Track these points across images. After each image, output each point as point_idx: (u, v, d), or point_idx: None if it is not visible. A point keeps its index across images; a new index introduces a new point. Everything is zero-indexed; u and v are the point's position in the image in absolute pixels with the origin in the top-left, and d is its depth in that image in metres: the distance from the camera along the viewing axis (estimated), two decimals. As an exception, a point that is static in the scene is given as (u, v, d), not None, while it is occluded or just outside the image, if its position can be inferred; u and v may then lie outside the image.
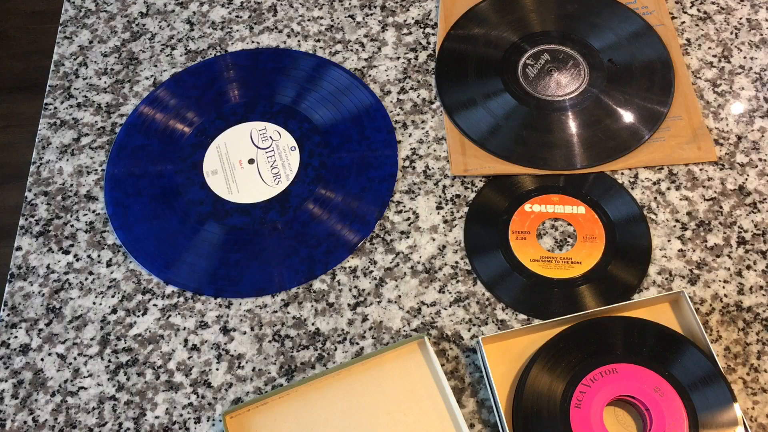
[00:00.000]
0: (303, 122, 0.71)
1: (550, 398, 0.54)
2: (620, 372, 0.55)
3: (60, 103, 0.74)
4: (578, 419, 0.53)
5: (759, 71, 0.71)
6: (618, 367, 0.55)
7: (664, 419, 0.53)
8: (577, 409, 0.54)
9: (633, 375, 0.55)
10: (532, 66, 0.72)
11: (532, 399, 0.55)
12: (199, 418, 0.58)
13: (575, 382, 0.55)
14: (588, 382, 0.54)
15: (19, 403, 0.60)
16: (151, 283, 0.64)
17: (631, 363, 0.55)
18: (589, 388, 0.54)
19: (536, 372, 0.56)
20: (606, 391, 0.54)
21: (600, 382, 0.54)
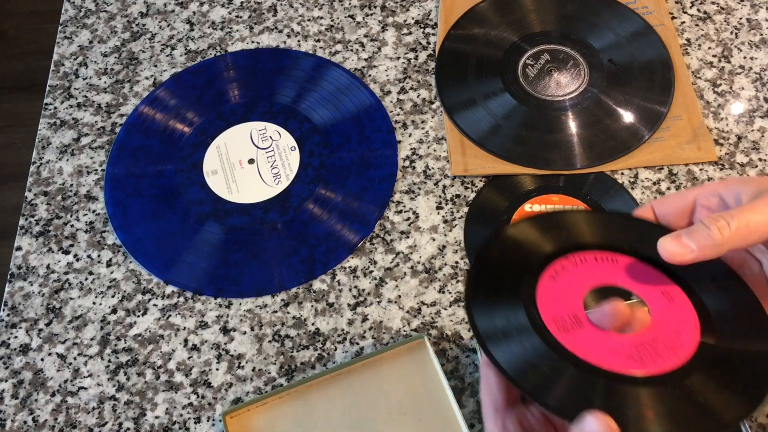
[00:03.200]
0: (303, 122, 0.71)
1: (525, 254, 0.44)
2: (620, 262, 0.44)
3: (60, 103, 0.74)
4: (547, 291, 0.43)
5: (759, 71, 0.71)
6: (620, 258, 0.44)
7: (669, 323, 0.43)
8: (552, 280, 0.43)
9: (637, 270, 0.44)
10: (532, 66, 0.72)
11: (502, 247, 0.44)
12: (199, 418, 0.58)
13: (556, 254, 0.44)
14: (575, 259, 0.44)
15: (19, 403, 0.60)
16: (151, 283, 0.64)
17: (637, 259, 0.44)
18: (575, 266, 0.44)
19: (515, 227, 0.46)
20: (595, 274, 0.44)
21: (591, 264, 0.44)
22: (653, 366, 0.38)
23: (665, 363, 0.38)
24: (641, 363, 0.38)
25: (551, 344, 0.39)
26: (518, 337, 0.39)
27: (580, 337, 0.39)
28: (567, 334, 0.40)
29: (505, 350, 0.38)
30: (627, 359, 0.38)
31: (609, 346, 0.39)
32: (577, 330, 0.40)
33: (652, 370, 0.38)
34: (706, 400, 0.37)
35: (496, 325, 0.40)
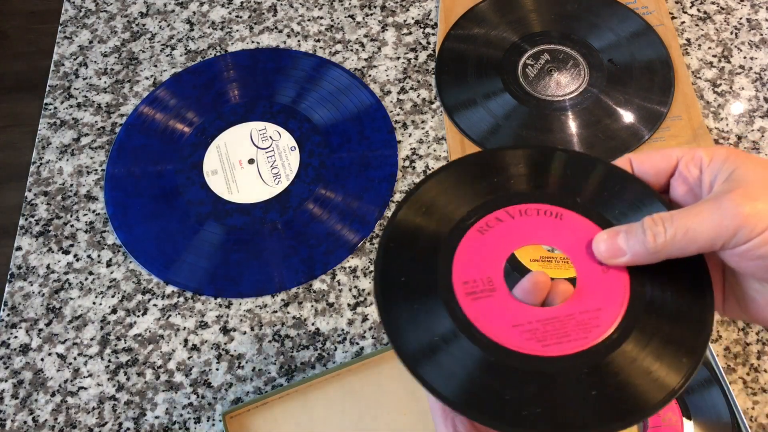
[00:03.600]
0: (303, 122, 0.71)
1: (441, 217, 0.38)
2: (565, 219, 0.38)
3: (60, 103, 0.74)
4: (470, 249, 0.37)
5: (759, 71, 0.71)
6: (567, 213, 0.38)
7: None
8: (480, 234, 0.37)
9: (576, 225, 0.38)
10: (532, 66, 0.72)
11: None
12: (199, 418, 0.58)
13: (489, 208, 0.38)
14: (514, 211, 0.38)
15: (19, 403, 0.60)
16: (151, 283, 0.64)
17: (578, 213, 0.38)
18: (512, 219, 0.38)
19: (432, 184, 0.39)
20: (531, 231, 0.38)
21: (531, 218, 0.38)
22: (554, 348, 0.34)
23: (569, 345, 0.34)
24: (542, 342, 0.34)
25: (456, 320, 0.34)
26: (430, 323, 0.35)
27: (488, 307, 0.35)
28: (474, 301, 0.35)
29: (413, 339, 0.34)
30: (527, 337, 0.34)
31: (514, 320, 0.35)
32: (487, 297, 0.35)
33: (549, 352, 0.33)
34: (597, 393, 0.33)
35: (406, 311, 0.35)
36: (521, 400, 0.32)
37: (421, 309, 0.35)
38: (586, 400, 0.32)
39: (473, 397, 0.33)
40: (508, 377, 0.33)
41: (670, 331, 0.34)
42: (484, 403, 0.32)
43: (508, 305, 0.35)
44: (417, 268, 0.36)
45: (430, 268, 0.36)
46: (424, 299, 0.35)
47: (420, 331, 0.34)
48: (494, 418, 0.32)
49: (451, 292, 0.35)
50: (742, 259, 0.33)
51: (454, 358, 0.34)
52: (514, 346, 0.34)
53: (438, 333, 0.34)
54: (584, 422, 0.32)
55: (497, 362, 0.33)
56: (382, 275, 0.36)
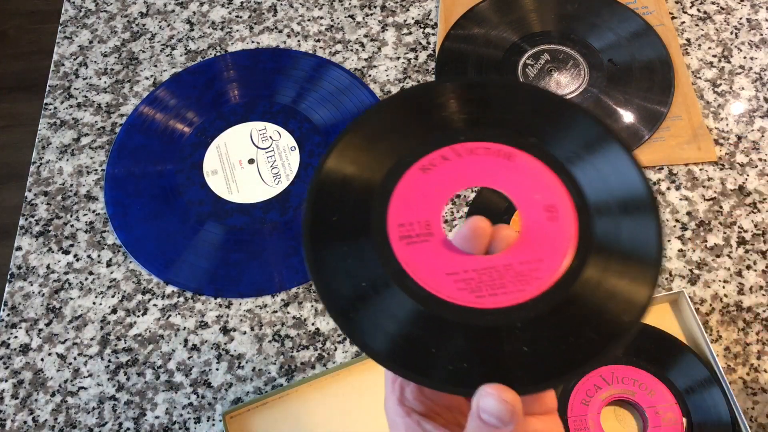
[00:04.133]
0: (303, 122, 0.71)
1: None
2: (515, 160, 0.35)
3: (60, 103, 0.74)
4: (409, 189, 0.34)
5: (759, 71, 0.71)
6: (518, 153, 0.35)
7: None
8: (422, 173, 0.34)
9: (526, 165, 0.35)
10: (532, 66, 0.72)
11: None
12: (199, 418, 0.58)
13: (434, 145, 0.35)
14: (460, 149, 0.35)
15: (19, 403, 0.60)
16: (151, 283, 0.64)
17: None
18: (458, 157, 0.35)
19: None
20: (476, 171, 0.34)
21: (478, 156, 0.34)
22: (488, 299, 0.31)
23: (504, 297, 0.31)
24: (475, 293, 0.31)
25: (389, 268, 0.31)
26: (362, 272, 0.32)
27: (422, 252, 0.32)
28: (408, 245, 0.32)
29: (339, 285, 0.31)
30: (460, 287, 0.31)
31: (448, 268, 0.32)
32: (423, 242, 0.32)
33: (481, 304, 0.31)
34: (529, 350, 0.30)
35: (336, 260, 0.32)
36: (448, 354, 0.30)
37: (350, 252, 0.32)
38: (516, 357, 0.30)
39: (399, 349, 0.30)
40: (436, 329, 0.31)
41: (611, 294, 0.31)
42: (410, 356, 0.30)
43: (444, 252, 0.32)
44: (350, 207, 0.33)
45: (365, 207, 0.33)
46: (353, 241, 0.32)
47: (347, 275, 0.32)
48: (419, 372, 0.30)
49: (384, 235, 0.32)
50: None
51: (381, 306, 0.31)
52: (445, 295, 0.31)
53: (366, 278, 0.31)
54: (512, 380, 0.30)
55: (425, 312, 0.31)
56: (313, 215, 0.33)
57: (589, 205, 0.33)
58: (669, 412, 0.54)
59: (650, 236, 0.33)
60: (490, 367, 0.30)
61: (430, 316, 0.31)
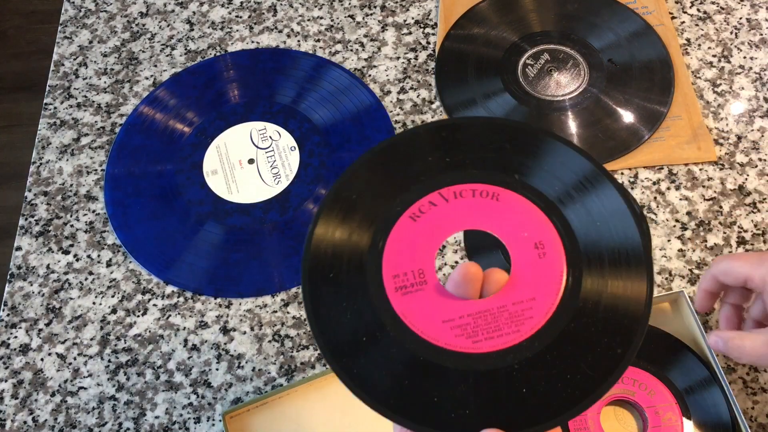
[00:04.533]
0: (303, 122, 0.71)
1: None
2: (502, 200, 0.35)
3: (60, 103, 0.74)
4: (402, 238, 0.34)
5: (759, 71, 0.71)
6: (504, 193, 0.35)
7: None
8: (412, 220, 0.35)
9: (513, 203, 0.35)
10: (532, 66, 0.72)
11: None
12: (199, 418, 0.58)
13: (421, 192, 0.35)
14: (449, 193, 0.35)
15: (19, 403, 0.60)
16: (151, 283, 0.64)
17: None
18: (446, 202, 0.35)
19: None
20: (466, 215, 0.35)
21: (466, 200, 0.35)
22: (484, 344, 0.32)
23: (500, 340, 0.32)
24: (472, 339, 0.32)
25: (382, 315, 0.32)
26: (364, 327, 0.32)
27: (418, 301, 0.33)
28: (404, 296, 0.33)
29: (339, 338, 0.32)
30: (457, 333, 0.32)
31: (444, 315, 0.32)
32: (417, 291, 0.33)
33: (479, 348, 0.32)
34: (527, 391, 0.31)
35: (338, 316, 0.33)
36: (450, 400, 0.31)
37: (349, 307, 0.33)
38: (516, 398, 0.31)
39: (401, 400, 0.31)
40: (436, 377, 0.31)
41: (603, 328, 0.32)
42: (412, 406, 0.31)
43: (439, 299, 0.33)
44: (345, 266, 0.34)
45: (359, 263, 0.34)
46: (352, 296, 0.33)
47: (347, 329, 0.32)
48: (422, 422, 0.30)
49: (381, 288, 0.33)
50: None
51: (381, 357, 0.32)
52: (443, 343, 0.32)
53: (365, 332, 0.32)
54: (512, 422, 0.30)
55: (425, 361, 0.31)
56: (311, 271, 0.33)
57: (577, 239, 0.34)
58: (669, 412, 0.54)
59: (639, 259, 0.33)
60: (492, 411, 0.31)
61: (429, 365, 0.31)
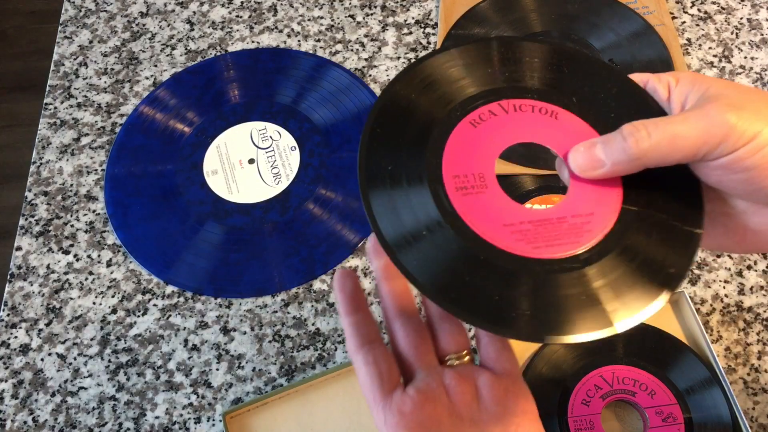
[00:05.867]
0: (303, 122, 0.71)
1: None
2: (560, 119, 0.36)
3: (60, 103, 0.74)
4: (461, 142, 0.35)
5: (759, 71, 0.71)
6: (563, 113, 0.36)
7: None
8: (471, 127, 0.35)
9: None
10: (533, 66, 0.72)
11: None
12: (199, 418, 0.58)
13: (483, 100, 0.36)
14: (508, 106, 0.36)
15: (19, 403, 0.60)
16: (151, 283, 0.64)
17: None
18: (505, 113, 0.36)
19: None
20: (525, 128, 0.36)
21: (525, 114, 0.36)
22: (544, 250, 0.32)
23: (560, 248, 0.33)
24: (532, 244, 0.33)
25: (448, 217, 0.32)
26: (425, 223, 0.32)
27: (478, 203, 0.33)
28: (465, 196, 0.33)
29: (398, 229, 0.32)
30: (518, 238, 0.33)
31: (504, 219, 0.33)
32: (478, 193, 0.33)
33: (539, 254, 0.32)
34: (586, 298, 0.32)
35: (393, 204, 0.33)
36: (510, 300, 0.31)
37: (408, 197, 0.33)
38: (575, 304, 0.32)
39: (462, 294, 0.31)
40: (498, 276, 0.32)
41: (656, 249, 0.33)
42: (473, 301, 0.31)
43: (500, 204, 0.33)
44: (405, 155, 0.34)
45: (419, 155, 0.34)
46: (411, 186, 0.33)
47: (405, 218, 0.32)
48: (484, 318, 0.31)
49: (441, 185, 0.33)
50: (726, 173, 0.32)
51: (441, 252, 0.32)
52: (503, 245, 0.32)
53: (424, 222, 0.32)
54: (571, 326, 0.31)
55: (486, 260, 0.32)
56: (368, 157, 0.33)
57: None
58: (669, 412, 0.54)
59: (691, 187, 0.34)
60: (552, 313, 0.31)
61: (492, 265, 0.32)
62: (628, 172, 0.33)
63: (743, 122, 0.30)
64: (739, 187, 0.32)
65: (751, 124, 0.30)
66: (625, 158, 0.32)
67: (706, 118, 0.31)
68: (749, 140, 0.30)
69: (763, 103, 0.32)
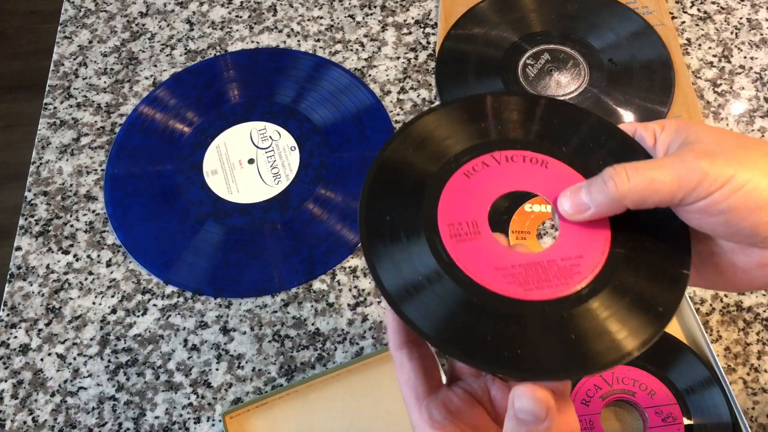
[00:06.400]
0: (303, 122, 0.71)
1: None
2: (550, 167, 0.38)
3: (60, 103, 0.74)
4: (455, 192, 0.37)
5: (759, 71, 0.71)
6: (552, 162, 0.38)
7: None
8: (465, 178, 0.37)
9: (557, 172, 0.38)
10: (532, 66, 0.72)
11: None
12: (199, 418, 0.58)
13: (476, 152, 0.38)
14: (500, 156, 0.38)
15: (19, 403, 0.60)
16: (151, 283, 0.64)
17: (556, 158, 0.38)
18: (497, 164, 0.38)
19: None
20: (517, 177, 0.38)
21: (517, 164, 0.38)
22: (535, 292, 0.34)
23: (550, 290, 0.34)
24: (524, 287, 0.34)
25: (443, 263, 0.34)
26: (419, 267, 0.34)
27: (472, 249, 0.35)
28: (459, 243, 0.35)
29: (398, 278, 0.34)
30: (510, 281, 0.34)
31: (497, 263, 0.35)
32: (472, 240, 0.35)
33: (530, 296, 0.34)
34: (577, 337, 0.33)
35: (391, 254, 0.35)
36: (503, 341, 0.32)
37: (406, 248, 0.35)
38: (563, 345, 0.33)
39: (455, 336, 0.33)
40: (491, 318, 0.33)
41: (645, 288, 0.34)
42: (467, 343, 0.32)
43: (492, 248, 0.35)
44: (402, 208, 0.36)
45: (416, 208, 0.36)
46: (409, 238, 0.35)
47: (405, 270, 0.34)
48: (478, 358, 0.32)
49: (436, 233, 0.35)
50: (704, 216, 0.33)
51: (438, 297, 0.34)
52: (497, 288, 0.34)
53: (422, 272, 0.34)
54: (559, 366, 0.32)
55: (480, 303, 0.33)
56: (368, 213, 0.36)
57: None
58: (669, 412, 0.54)
59: (679, 231, 0.36)
60: (541, 353, 0.32)
61: (486, 308, 0.34)
62: (611, 213, 0.35)
63: (716, 168, 0.32)
64: (719, 229, 0.33)
65: (724, 169, 0.32)
66: (607, 200, 0.34)
67: (681, 164, 0.33)
68: (723, 185, 0.32)
69: (738, 147, 0.33)
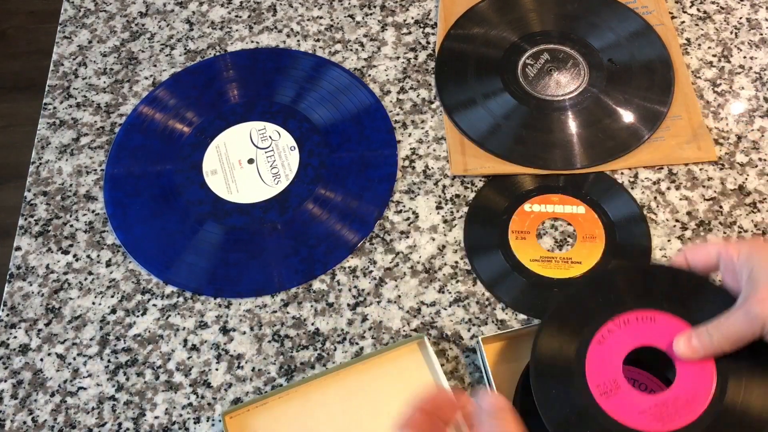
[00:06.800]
0: (302, 122, 0.71)
1: (563, 354, 0.50)
2: (658, 321, 0.50)
3: (59, 103, 0.74)
4: (595, 357, 0.49)
5: (759, 71, 0.71)
6: (658, 315, 0.50)
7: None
8: (599, 345, 0.49)
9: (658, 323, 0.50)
10: (532, 66, 0.72)
11: (546, 357, 0.50)
12: (199, 418, 0.58)
13: (589, 335, 0.50)
14: (619, 321, 0.50)
15: (19, 404, 0.60)
16: (151, 283, 0.64)
17: (650, 308, 0.50)
18: (619, 328, 0.50)
19: (547, 333, 0.51)
20: (636, 335, 0.49)
21: (632, 324, 0.50)
22: (670, 424, 0.45)
23: (679, 420, 0.45)
24: (661, 422, 0.45)
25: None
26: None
27: (618, 401, 0.47)
28: (607, 399, 0.47)
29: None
30: (650, 419, 0.46)
31: (639, 407, 0.46)
32: (615, 394, 0.47)
33: (668, 427, 0.45)
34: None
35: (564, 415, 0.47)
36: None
37: (570, 409, 0.47)
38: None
39: None
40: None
41: (756, 400, 0.46)
42: None
43: (631, 396, 0.47)
44: (560, 384, 0.48)
45: (570, 381, 0.48)
46: (571, 401, 0.47)
47: (573, 426, 0.47)
48: None
49: (591, 398, 0.47)
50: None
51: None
52: (643, 427, 0.46)
53: (587, 426, 0.46)
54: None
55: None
56: (540, 401, 0.48)
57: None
58: None
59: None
60: None
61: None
62: (715, 356, 0.47)
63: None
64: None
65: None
66: (711, 350, 0.46)
67: (745, 317, 0.45)
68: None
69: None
